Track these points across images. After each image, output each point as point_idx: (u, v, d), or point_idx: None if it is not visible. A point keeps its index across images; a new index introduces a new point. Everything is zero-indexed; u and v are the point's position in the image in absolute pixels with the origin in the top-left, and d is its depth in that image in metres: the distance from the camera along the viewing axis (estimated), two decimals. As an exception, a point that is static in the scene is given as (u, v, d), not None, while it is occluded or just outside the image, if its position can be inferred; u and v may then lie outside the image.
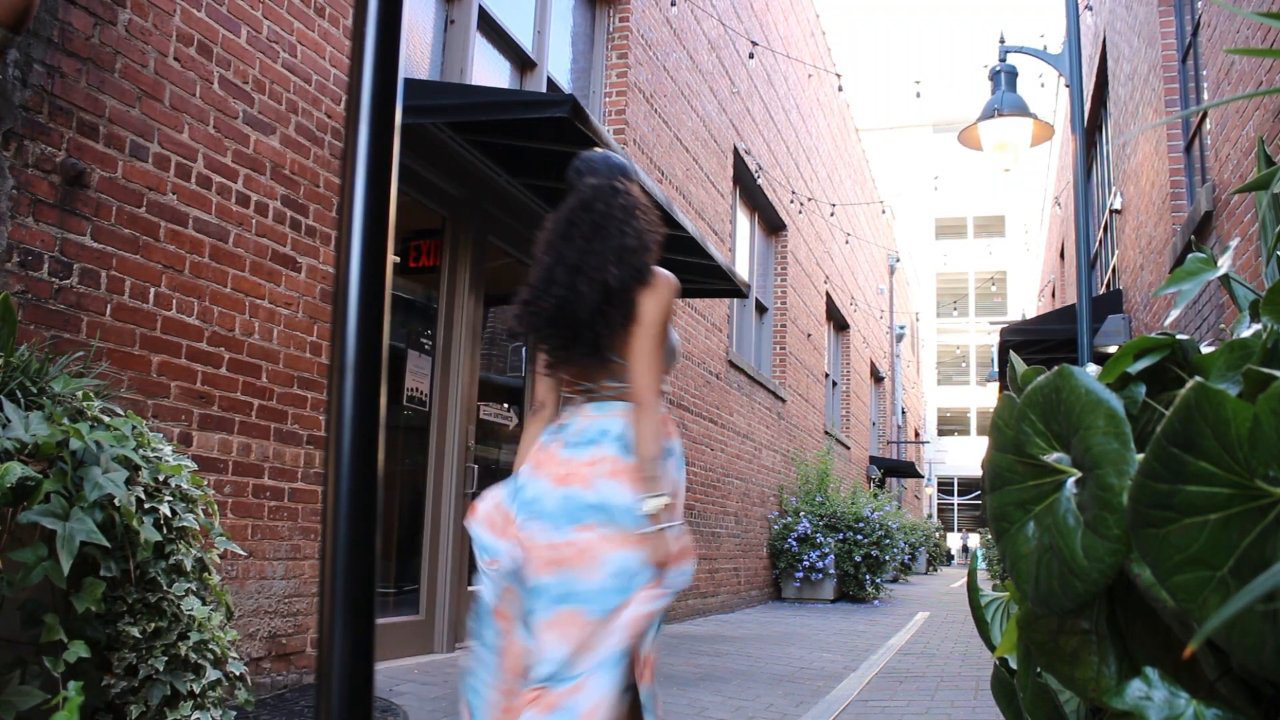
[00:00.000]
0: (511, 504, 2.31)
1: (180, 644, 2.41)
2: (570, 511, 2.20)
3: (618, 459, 2.23)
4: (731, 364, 9.75)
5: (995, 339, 11.76)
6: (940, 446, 38.57)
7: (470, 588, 5.57)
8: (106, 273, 3.20)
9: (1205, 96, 6.24)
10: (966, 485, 41.93)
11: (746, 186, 10.87)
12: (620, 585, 2.13)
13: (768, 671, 5.54)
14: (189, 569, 2.48)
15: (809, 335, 13.57)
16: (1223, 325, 5.06)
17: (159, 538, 2.38)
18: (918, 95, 10.88)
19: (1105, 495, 0.78)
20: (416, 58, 5.39)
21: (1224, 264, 1.21)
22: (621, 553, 2.15)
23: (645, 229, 2.38)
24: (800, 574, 11.29)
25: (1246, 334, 0.96)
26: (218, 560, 2.70)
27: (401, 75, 0.79)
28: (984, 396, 39.79)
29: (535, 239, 2.46)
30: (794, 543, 11.10)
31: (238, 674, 2.61)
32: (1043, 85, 12.53)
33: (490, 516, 2.31)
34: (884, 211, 21.04)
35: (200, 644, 2.46)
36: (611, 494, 2.19)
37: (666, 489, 2.20)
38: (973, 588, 1.25)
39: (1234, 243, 1.45)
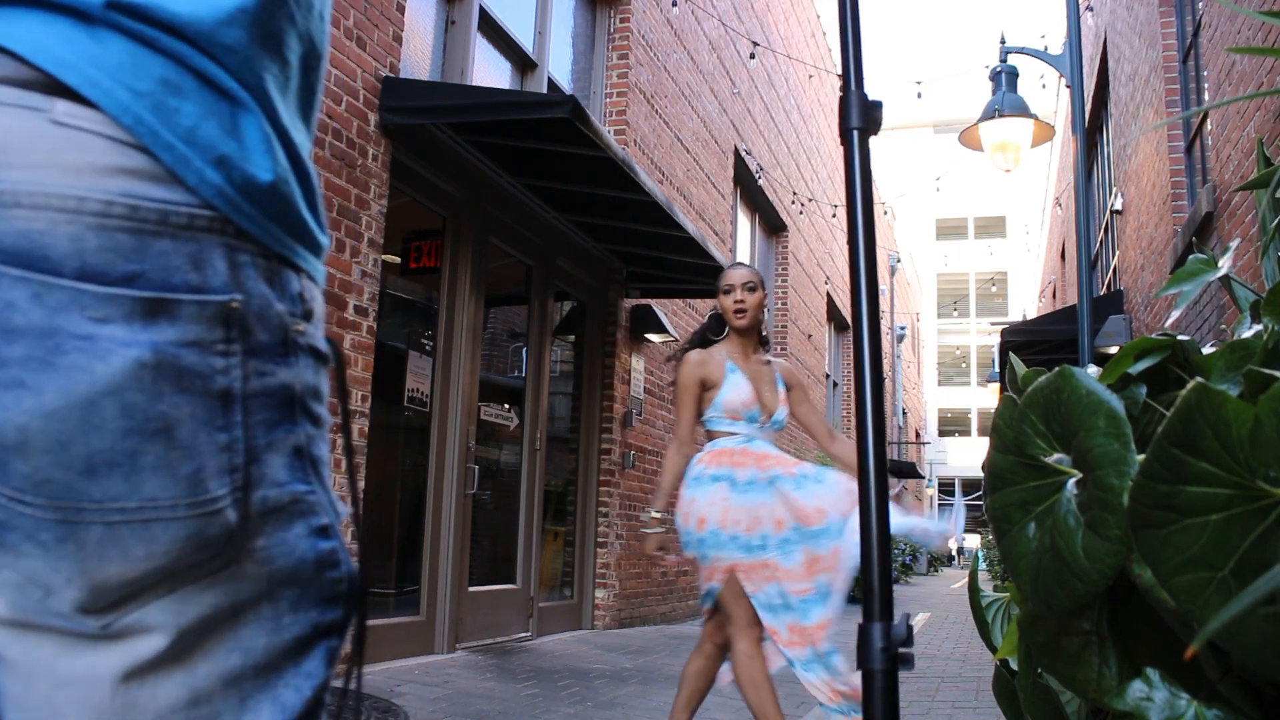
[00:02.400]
0: None
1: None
2: None
3: None
4: (732, 365, 9.74)
5: (996, 340, 11.77)
6: (941, 447, 38.55)
7: (470, 589, 5.58)
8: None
9: (1206, 97, 6.24)
10: (967, 486, 41.91)
11: (747, 187, 10.87)
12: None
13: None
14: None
15: (810, 336, 13.58)
16: (1224, 326, 5.07)
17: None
18: (919, 96, 10.84)
19: (1106, 496, 0.77)
20: (417, 58, 5.40)
21: (1225, 265, 1.21)
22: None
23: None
24: (801, 575, 11.26)
25: (1247, 335, 0.96)
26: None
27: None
28: (985, 397, 39.75)
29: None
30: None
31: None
32: (1044, 86, 12.52)
33: None
34: (885, 212, 21.04)
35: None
36: None
37: (658, 504, 3.24)
38: (974, 589, 1.25)
39: (1235, 243, 1.45)
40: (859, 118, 1.23)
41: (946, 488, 41.78)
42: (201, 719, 0.61)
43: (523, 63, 6.47)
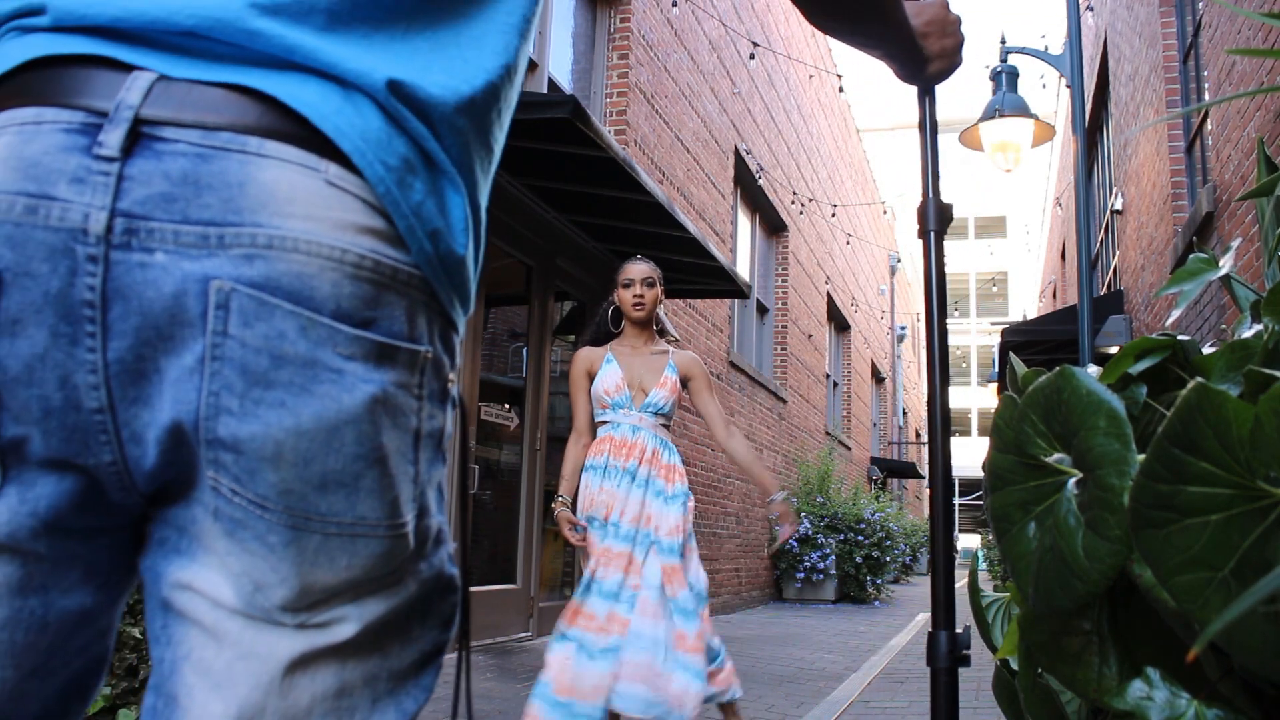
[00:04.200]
0: None
1: (181, 645, 2.40)
2: None
3: None
4: (732, 365, 9.76)
5: (996, 340, 11.77)
6: (941, 447, 38.49)
7: (469, 589, 5.57)
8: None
9: (1206, 97, 6.24)
10: (968, 486, 41.88)
11: (747, 187, 10.87)
12: None
13: (769, 672, 5.54)
14: (190, 570, 2.48)
15: (810, 336, 13.58)
16: (1224, 326, 5.06)
17: (160, 538, 2.38)
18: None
19: (1106, 496, 0.77)
20: (417, 58, 5.39)
21: (1225, 264, 1.21)
22: None
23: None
24: (801, 575, 11.29)
25: (1248, 335, 0.96)
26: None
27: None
28: (985, 397, 39.73)
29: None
30: (795, 543, 11.10)
31: (238, 675, 2.60)
32: (1044, 86, 12.51)
33: None
34: (885, 212, 21.05)
35: (201, 645, 2.45)
36: None
37: (560, 490, 3.50)
38: (974, 589, 1.24)
39: (1235, 243, 1.44)
40: (936, 221, 1.41)
41: (947, 488, 41.63)
42: (342, 710, 0.69)
43: (523, 63, 6.47)
